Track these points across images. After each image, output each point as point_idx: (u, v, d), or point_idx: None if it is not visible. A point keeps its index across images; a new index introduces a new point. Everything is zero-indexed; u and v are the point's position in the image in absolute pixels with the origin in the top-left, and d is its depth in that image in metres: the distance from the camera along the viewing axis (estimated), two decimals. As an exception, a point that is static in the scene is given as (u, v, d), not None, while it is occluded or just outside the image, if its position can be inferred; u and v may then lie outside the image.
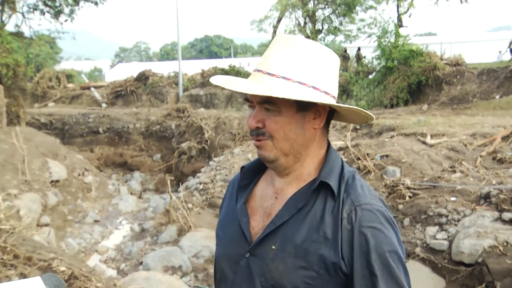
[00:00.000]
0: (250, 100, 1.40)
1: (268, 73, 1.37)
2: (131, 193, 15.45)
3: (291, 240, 1.36)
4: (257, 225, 1.46)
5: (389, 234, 1.33)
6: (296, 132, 1.39)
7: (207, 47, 74.27)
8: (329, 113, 1.44)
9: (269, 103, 1.36)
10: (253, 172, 1.60)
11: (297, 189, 1.43)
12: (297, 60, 1.37)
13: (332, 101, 1.41)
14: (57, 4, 19.53)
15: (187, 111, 18.85)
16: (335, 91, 1.43)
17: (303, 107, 1.37)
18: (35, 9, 19.27)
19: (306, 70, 1.37)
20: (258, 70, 1.39)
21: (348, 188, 1.38)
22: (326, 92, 1.39)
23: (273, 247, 1.38)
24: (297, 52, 1.37)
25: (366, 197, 1.36)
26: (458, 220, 6.99)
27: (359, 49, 24.36)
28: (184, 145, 17.47)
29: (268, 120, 1.38)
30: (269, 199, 1.49)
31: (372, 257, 1.29)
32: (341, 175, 1.41)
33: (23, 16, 19.01)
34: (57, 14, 19.71)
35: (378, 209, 1.35)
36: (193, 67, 27.22)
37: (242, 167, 1.62)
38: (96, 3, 20.12)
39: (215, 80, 1.43)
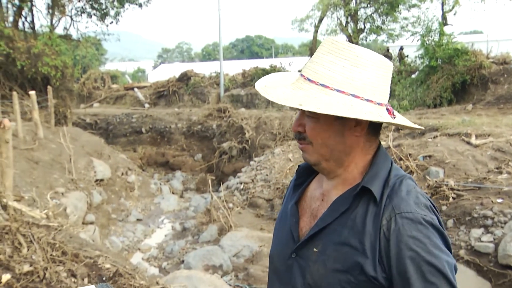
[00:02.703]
0: None
1: (308, 79, 1.34)
2: (173, 193, 15.66)
3: (332, 244, 1.35)
4: (305, 226, 1.48)
5: (430, 244, 1.25)
6: (335, 139, 1.37)
7: (248, 47, 74.45)
8: None
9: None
10: (308, 172, 1.60)
11: (342, 193, 1.41)
12: (339, 66, 1.31)
13: (371, 110, 1.32)
14: (103, 6, 20.07)
15: (228, 111, 18.94)
16: (382, 97, 1.35)
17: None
18: (83, 12, 19.90)
19: (347, 77, 1.30)
20: (301, 75, 1.37)
21: (392, 193, 1.32)
22: (368, 100, 1.32)
23: (315, 249, 1.38)
24: (340, 58, 1.31)
25: (409, 204, 1.29)
26: (505, 223, 6.82)
27: (401, 48, 23.94)
28: (225, 145, 17.57)
29: (307, 126, 1.38)
30: (316, 201, 1.50)
31: (408, 269, 1.24)
32: (386, 180, 1.36)
33: (71, 19, 19.65)
34: (103, 16, 20.29)
35: (419, 217, 1.27)
36: (234, 67, 27.31)
37: (299, 166, 1.63)
38: (140, 5, 20.59)
39: (258, 84, 1.45)
